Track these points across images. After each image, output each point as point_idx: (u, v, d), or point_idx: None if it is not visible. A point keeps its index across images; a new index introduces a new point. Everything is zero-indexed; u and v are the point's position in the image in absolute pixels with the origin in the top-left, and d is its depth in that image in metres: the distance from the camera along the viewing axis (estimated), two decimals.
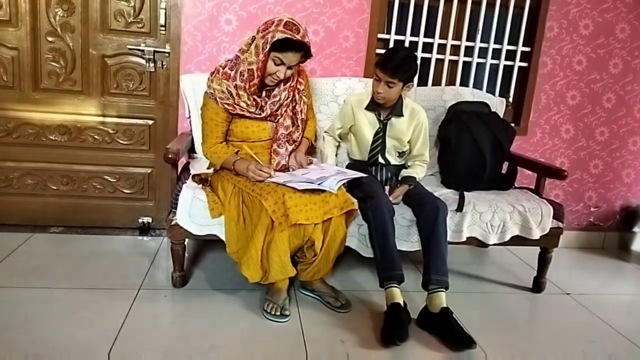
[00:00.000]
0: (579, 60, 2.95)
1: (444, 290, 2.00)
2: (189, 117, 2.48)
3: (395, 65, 2.08)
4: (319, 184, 1.94)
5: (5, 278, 2.13)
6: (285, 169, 2.15)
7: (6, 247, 2.43)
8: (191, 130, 2.50)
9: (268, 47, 1.92)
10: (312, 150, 2.42)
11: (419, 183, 2.32)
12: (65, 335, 1.76)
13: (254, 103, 2.05)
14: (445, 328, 1.91)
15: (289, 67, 1.99)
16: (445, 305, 1.96)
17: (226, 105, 2.04)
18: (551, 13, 2.83)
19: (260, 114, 2.07)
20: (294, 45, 1.93)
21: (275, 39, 1.90)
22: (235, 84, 2.02)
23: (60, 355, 1.65)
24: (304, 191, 1.92)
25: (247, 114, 2.06)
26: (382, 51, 2.60)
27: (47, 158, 2.68)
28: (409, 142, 2.33)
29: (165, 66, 2.64)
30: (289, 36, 1.90)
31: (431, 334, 1.96)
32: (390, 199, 2.14)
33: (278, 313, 1.98)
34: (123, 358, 1.66)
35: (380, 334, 1.92)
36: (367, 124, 2.31)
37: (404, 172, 2.33)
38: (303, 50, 1.97)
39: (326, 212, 1.96)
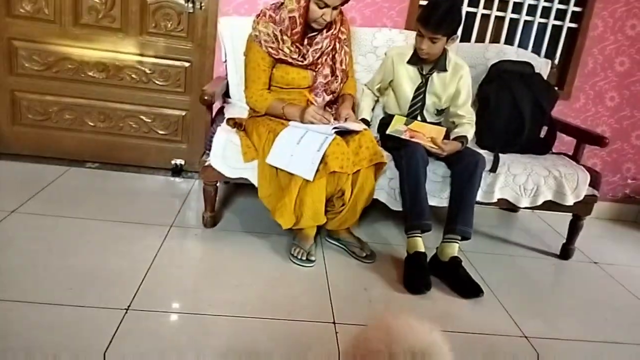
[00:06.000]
0: (632, 24, 2.79)
1: (458, 241, 2.03)
2: (225, 61, 2.46)
3: (437, 21, 2.01)
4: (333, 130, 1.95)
5: (43, 207, 2.21)
6: None
7: (44, 179, 2.51)
8: (227, 75, 2.49)
9: None
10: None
11: None
12: (100, 264, 1.83)
13: (297, 50, 2.04)
14: (454, 276, 1.98)
15: (334, 8, 1.97)
16: (455, 255, 2.00)
17: (270, 49, 2.03)
18: None
19: (302, 62, 2.06)
20: None
21: None
22: (281, 29, 2.01)
23: (95, 281, 1.72)
24: (340, 140, 1.92)
25: (290, 60, 2.05)
26: (425, 2, 2.52)
27: (85, 94, 2.72)
28: (451, 98, 2.26)
29: (203, 7, 2.61)
30: None
31: (441, 280, 2.01)
32: (441, 145, 2.06)
33: (304, 258, 2.02)
34: (154, 289, 1.72)
35: (404, 281, 1.97)
36: (408, 79, 2.25)
37: (456, 131, 2.20)
38: None
39: (355, 164, 1.96)
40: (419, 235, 2.03)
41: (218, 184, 2.21)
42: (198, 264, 1.98)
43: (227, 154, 2.06)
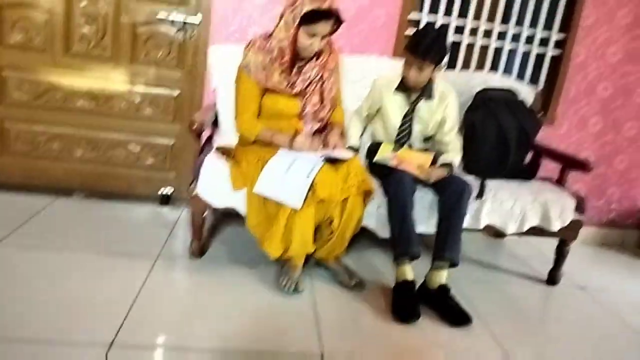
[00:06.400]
0: (613, 51, 2.87)
1: (446, 268, 2.03)
2: (215, 89, 2.48)
3: (425, 49, 2.06)
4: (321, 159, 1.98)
5: (28, 239, 2.19)
6: None
7: (30, 210, 2.49)
8: (216, 103, 2.50)
9: (297, 21, 1.93)
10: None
11: None
12: (86, 297, 1.80)
13: (286, 79, 2.06)
14: (443, 305, 1.97)
15: (323, 37, 2.01)
16: (444, 283, 2.00)
17: (259, 78, 2.05)
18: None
19: (291, 90, 2.08)
20: (323, 15, 1.95)
21: (303, 12, 1.91)
22: (270, 58, 2.04)
23: (79, 314, 1.70)
24: (328, 168, 1.93)
25: (279, 89, 2.07)
26: (412, 32, 2.56)
27: (74, 123, 2.71)
28: (438, 125, 2.29)
29: (194, 36, 2.64)
30: (316, 7, 1.91)
31: (430, 309, 2.00)
32: (427, 174, 2.11)
33: (292, 287, 2.01)
34: (140, 321, 1.70)
35: (393, 311, 1.96)
36: (395, 107, 2.28)
37: (442, 158, 2.25)
38: (333, 17, 1.99)
39: (344, 191, 1.97)
40: (407, 263, 2.03)
41: (206, 213, 2.20)
42: (184, 295, 1.96)
43: (215, 183, 2.06)
